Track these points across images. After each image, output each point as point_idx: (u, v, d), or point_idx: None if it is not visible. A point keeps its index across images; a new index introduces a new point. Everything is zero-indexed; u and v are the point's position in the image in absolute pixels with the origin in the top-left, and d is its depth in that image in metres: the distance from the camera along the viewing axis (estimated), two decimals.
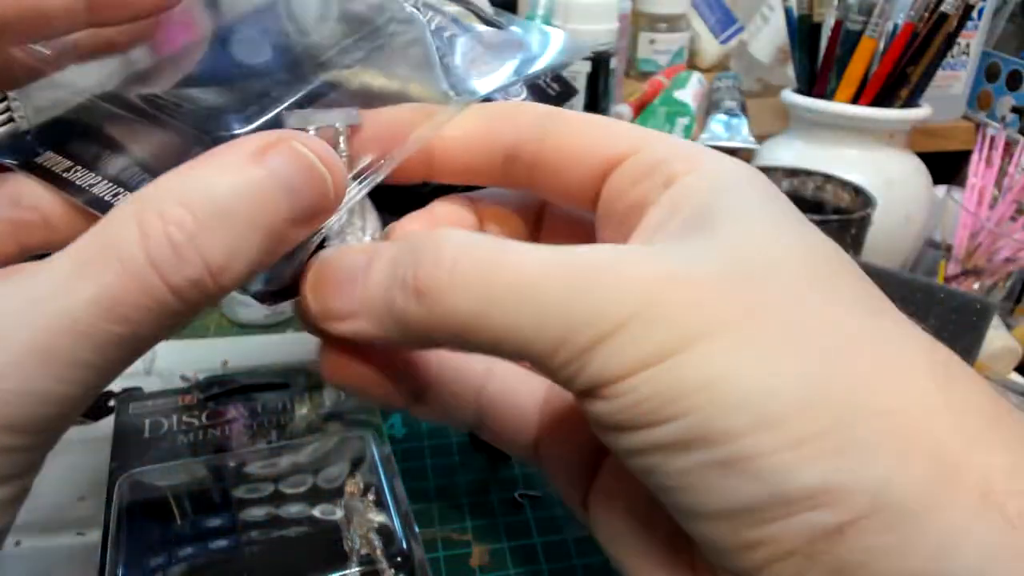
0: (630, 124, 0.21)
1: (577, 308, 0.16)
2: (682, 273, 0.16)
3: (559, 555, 0.33)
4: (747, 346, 0.15)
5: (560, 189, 0.22)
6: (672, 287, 0.16)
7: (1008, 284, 0.48)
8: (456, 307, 0.17)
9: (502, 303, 0.16)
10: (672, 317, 0.16)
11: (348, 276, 0.19)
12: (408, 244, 0.18)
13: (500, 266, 0.17)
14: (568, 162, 0.21)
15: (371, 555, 0.31)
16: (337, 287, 0.19)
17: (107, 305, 0.16)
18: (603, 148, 0.20)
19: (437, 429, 0.40)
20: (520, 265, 0.17)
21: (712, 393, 0.15)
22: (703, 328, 0.16)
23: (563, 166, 0.21)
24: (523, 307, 0.16)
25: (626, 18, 0.64)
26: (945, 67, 0.68)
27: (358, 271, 0.19)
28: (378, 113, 0.21)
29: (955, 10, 0.51)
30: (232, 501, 0.34)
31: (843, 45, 0.55)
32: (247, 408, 0.40)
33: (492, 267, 0.17)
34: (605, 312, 0.16)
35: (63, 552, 0.33)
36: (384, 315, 0.18)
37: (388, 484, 0.35)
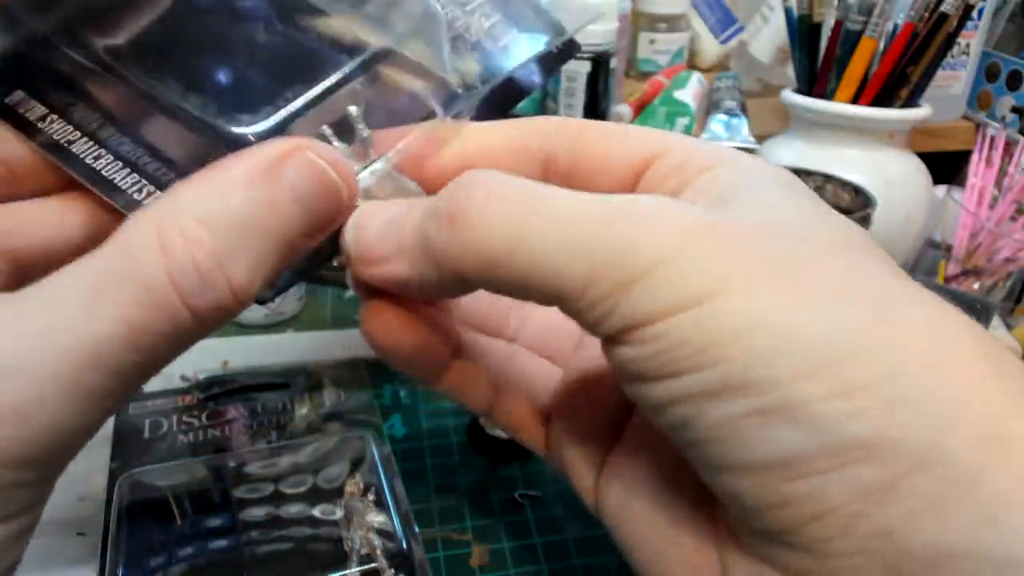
0: (656, 130, 0.22)
1: (611, 246, 0.15)
2: (721, 221, 0.16)
3: (559, 555, 0.33)
4: (790, 293, 0.15)
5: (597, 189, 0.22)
6: (711, 232, 0.16)
7: (1008, 284, 0.48)
8: (489, 235, 0.16)
9: (535, 236, 0.16)
10: (710, 260, 0.15)
11: (387, 223, 0.19)
12: (444, 189, 0.18)
13: (535, 199, 0.16)
14: (601, 168, 0.21)
15: (371, 555, 0.31)
16: (376, 233, 0.19)
17: (132, 335, 0.16)
18: (634, 153, 0.21)
19: (437, 429, 0.41)
20: (555, 200, 0.16)
21: (753, 339, 0.14)
22: (743, 273, 0.15)
23: (597, 172, 0.21)
24: (555, 242, 0.16)
25: (626, 18, 0.64)
26: (945, 67, 0.68)
27: (396, 219, 0.19)
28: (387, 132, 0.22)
29: (955, 10, 0.51)
30: (232, 501, 0.34)
31: (843, 45, 0.55)
32: (247, 408, 0.40)
33: (527, 200, 0.16)
34: (640, 252, 0.15)
35: (63, 552, 0.33)
36: (418, 252, 0.18)
37: (388, 484, 0.35)
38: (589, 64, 0.54)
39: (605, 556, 0.33)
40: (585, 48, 0.53)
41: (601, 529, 0.34)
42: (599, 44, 0.53)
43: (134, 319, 0.16)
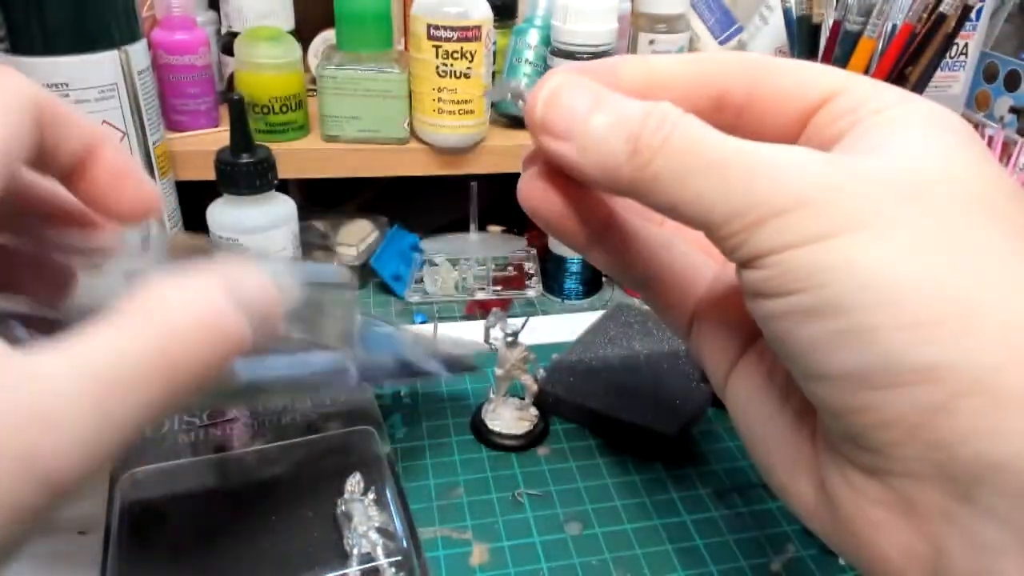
0: (835, 68, 0.23)
1: (756, 188, 0.18)
2: (851, 172, 0.18)
3: (559, 554, 0.33)
4: (887, 242, 0.17)
5: (771, 125, 0.23)
6: (839, 183, 0.18)
7: None
8: (660, 170, 0.20)
9: (697, 175, 0.19)
10: (834, 207, 0.18)
11: (574, 104, 0.22)
12: (634, 110, 0.21)
13: (702, 143, 0.19)
14: (773, 108, 0.23)
15: (371, 554, 0.31)
16: (564, 109, 0.22)
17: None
18: (812, 89, 0.22)
19: (437, 429, 0.41)
20: (718, 147, 0.19)
21: (847, 272, 0.17)
22: (856, 221, 0.18)
23: (772, 108, 0.23)
24: (713, 181, 0.19)
25: (626, 19, 0.64)
26: (944, 67, 0.68)
27: (584, 106, 0.21)
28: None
29: (953, 11, 0.51)
30: (232, 500, 0.34)
31: (842, 46, 0.55)
32: (247, 408, 0.41)
33: (696, 143, 0.19)
34: (778, 194, 0.18)
35: (64, 551, 0.33)
36: (595, 152, 0.21)
37: (388, 484, 0.35)
38: None
39: (604, 554, 0.33)
40: (585, 48, 0.53)
41: (599, 528, 0.35)
42: (598, 45, 0.53)
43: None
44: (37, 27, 0.39)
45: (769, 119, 0.23)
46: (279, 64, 0.53)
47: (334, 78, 0.53)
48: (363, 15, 0.52)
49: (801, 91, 0.22)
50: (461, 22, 0.50)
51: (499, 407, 0.40)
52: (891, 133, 0.20)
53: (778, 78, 0.23)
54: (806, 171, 0.19)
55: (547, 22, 0.57)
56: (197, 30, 0.54)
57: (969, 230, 0.18)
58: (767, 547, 0.34)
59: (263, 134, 0.54)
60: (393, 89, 0.53)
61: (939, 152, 0.19)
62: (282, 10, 0.59)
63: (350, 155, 0.55)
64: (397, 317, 0.53)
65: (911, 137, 0.20)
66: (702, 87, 0.23)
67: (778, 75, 0.23)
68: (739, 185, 0.19)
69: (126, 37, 0.42)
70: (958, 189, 0.18)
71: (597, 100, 0.21)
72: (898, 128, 0.20)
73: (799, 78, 0.22)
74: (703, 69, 0.23)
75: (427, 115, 0.53)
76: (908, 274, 0.17)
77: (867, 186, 0.18)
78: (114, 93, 0.42)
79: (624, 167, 0.20)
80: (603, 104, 0.21)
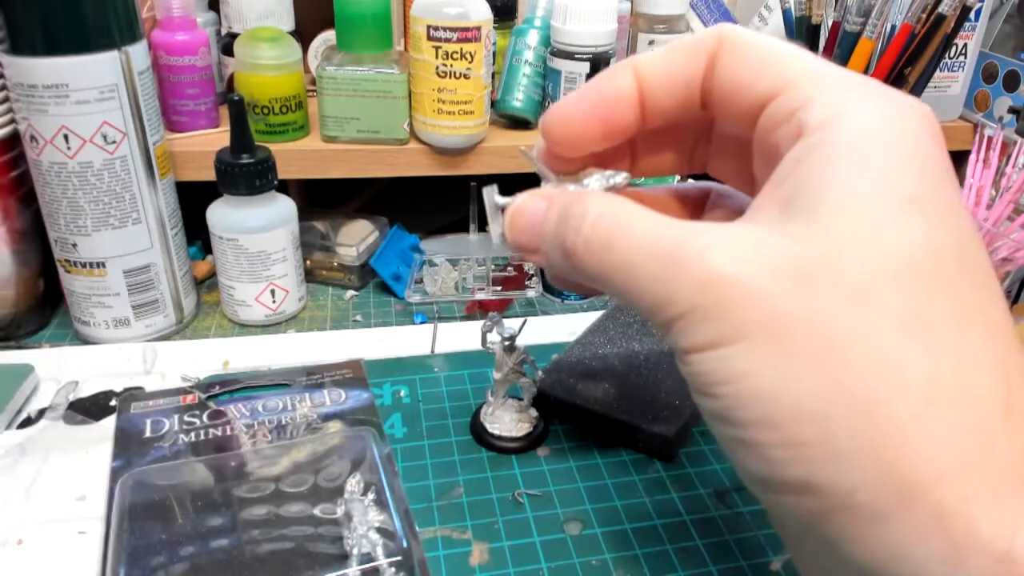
0: (790, 54, 0.21)
1: (659, 290, 0.20)
2: (743, 271, 0.18)
3: (559, 554, 0.33)
4: (775, 353, 0.18)
5: (729, 118, 0.23)
6: (729, 287, 0.18)
7: (1005, 283, 0.48)
8: (589, 271, 0.22)
9: (616, 274, 0.21)
10: (722, 314, 0.18)
11: (532, 220, 0.24)
12: (567, 209, 0.23)
13: (615, 244, 0.21)
14: (733, 96, 0.22)
15: (371, 554, 0.31)
16: (524, 229, 0.25)
17: None
18: (760, 84, 0.21)
19: (437, 429, 0.41)
20: (628, 246, 0.21)
21: (740, 386, 0.18)
22: (744, 328, 0.18)
23: (729, 100, 0.22)
24: (628, 280, 0.21)
25: (625, 19, 0.64)
26: (942, 68, 0.68)
27: (539, 217, 0.24)
28: None
29: (952, 11, 0.51)
30: (233, 500, 0.34)
31: (841, 46, 0.55)
32: (247, 408, 0.41)
33: (609, 245, 0.21)
34: (675, 299, 0.19)
35: (65, 551, 0.33)
36: (552, 260, 0.24)
37: (388, 483, 0.35)
38: (588, 65, 0.54)
39: (604, 554, 0.33)
40: (584, 49, 0.53)
41: (599, 528, 0.35)
42: (598, 45, 0.53)
43: None
44: (37, 27, 0.39)
45: (728, 110, 0.22)
46: (279, 65, 0.53)
47: (334, 78, 0.53)
48: (363, 16, 0.52)
49: (752, 84, 0.21)
50: (461, 23, 0.50)
51: (498, 410, 0.40)
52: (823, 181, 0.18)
53: (736, 66, 0.21)
54: (703, 269, 0.19)
55: (547, 22, 0.57)
56: (197, 31, 0.54)
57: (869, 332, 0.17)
58: (767, 547, 0.34)
59: (263, 135, 0.54)
60: (393, 90, 0.53)
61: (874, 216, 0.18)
62: (282, 10, 0.59)
63: (350, 155, 0.55)
64: (397, 317, 0.53)
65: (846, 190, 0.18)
66: (675, 77, 0.23)
67: (738, 62, 0.21)
68: (647, 284, 0.20)
69: (126, 38, 0.42)
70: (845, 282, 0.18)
71: (549, 205, 0.24)
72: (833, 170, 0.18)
73: (752, 70, 0.21)
74: (673, 59, 0.23)
75: (427, 116, 0.54)
76: (790, 395, 0.18)
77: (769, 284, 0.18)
78: (114, 94, 0.42)
79: (565, 268, 0.23)
80: (552, 208, 0.24)
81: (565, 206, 0.23)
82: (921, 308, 0.18)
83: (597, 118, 0.24)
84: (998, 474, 0.17)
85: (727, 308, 0.18)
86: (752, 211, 0.20)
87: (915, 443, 0.17)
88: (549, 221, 0.23)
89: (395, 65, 0.53)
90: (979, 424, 0.17)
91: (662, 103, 0.23)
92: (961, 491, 0.17)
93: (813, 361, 0.18)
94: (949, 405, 0.17)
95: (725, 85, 0.22)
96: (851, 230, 0.18)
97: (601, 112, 0.24)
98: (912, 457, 0.17)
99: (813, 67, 0.20)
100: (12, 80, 0.41)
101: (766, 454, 0.18)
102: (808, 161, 0.19)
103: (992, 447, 0.17)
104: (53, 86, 0.40)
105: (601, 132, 0.24)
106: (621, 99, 0.23)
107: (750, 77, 0.21)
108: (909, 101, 0.20)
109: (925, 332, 0.17)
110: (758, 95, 0.21)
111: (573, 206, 0.22)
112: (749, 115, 0.21)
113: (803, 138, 0.19)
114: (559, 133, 0.24)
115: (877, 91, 0.20)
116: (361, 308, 0.54)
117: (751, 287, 0.18)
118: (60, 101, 0.41)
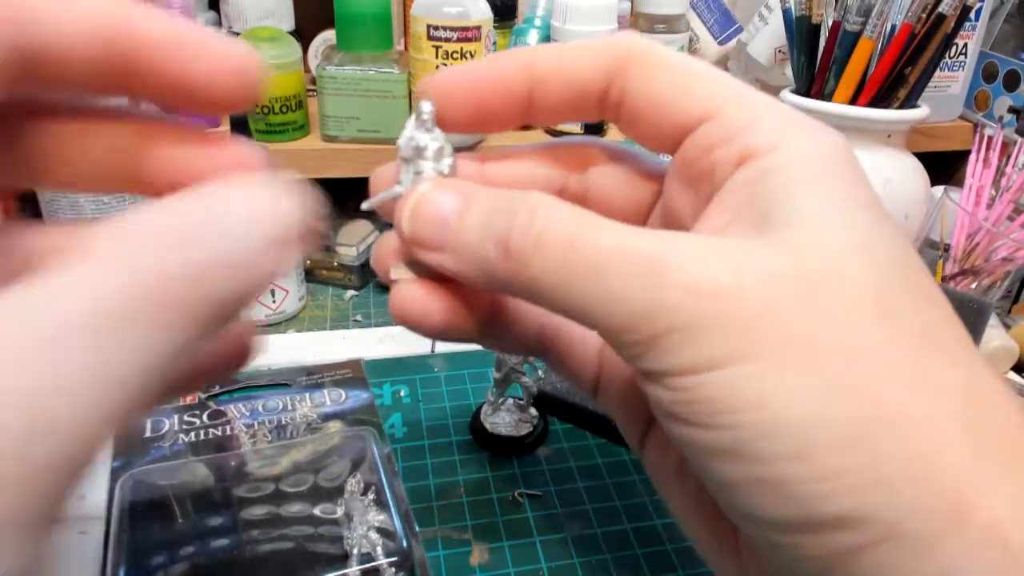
0: (717, 77, 0.20)
1: (644, 298, 0.17)
2: (746, 280, 0.17)
3: (559, 554, 0.33)
4: (800, 373, 0.16)
5: (641, 136, 0.21)
6: (735, 294, 0.17)
7: (1005, 284, 0.48)
8: (538, 276, 0.18)
9: (578, 280, 0.17)
10: (732, 326, 0.16)
11: (441, 213, 0.20)
12: (504, 202, 0.19)
13: (580, 244, 0.17)
14: (648, 114, 0.20)
15: (371, 554, 0.31)
16: (431, 222, 0.20)
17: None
18: (680, 108, 0.20)
19: (437, 429, 0.41)
20: (597, 247, 0.17)
21: (763, 414, 0.16)
22: (761, 343, 0.16)
23: (643, 117, 0.21)
24: (596, 288, 0.17)
25: (625, 19, 0.64)
26: (943, 67, 0.68)
27: (452, 212, 0.20)
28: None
29: (953, 11, 0.51)
30: (233, 500, 0.34)
31: (841, 46, 0.55)
32: (248, 408, 0.41)
33: (573, 244, 0.18)
34: (668, 308, 0.17)
35: (65, 550, 0.33)
36: (472, 260, 0.19)
37: (388, 483, 0.35)
38: None
39: (604, 554, 0.33)
40: None
41: (599, 528, 0.35)
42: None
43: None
44: None
45: (642, 128, 0.21)
46: (279, 64, 0.53)
47: (334, 78, 0.53)
48: (363, 15, 0.52)
49: (672, 105, 0.20)
50: (461, 22, 0.50)
51: (498, 409, 0.40)
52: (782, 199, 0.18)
53: (652, 85, 0.20)
54: (694, 278, 0.17)
55: (547, 22, 0.57)
56: None
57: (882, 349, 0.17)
58: None
59: (263, 134, 0.54)
60: (393, 89, 0.53)
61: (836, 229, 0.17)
62: (282, 10, 0.59)
63: (350, 155, 0.55)
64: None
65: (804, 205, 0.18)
66: (571, 81, 0.21)
67: (650, 80, 0.20)
68: (625, 293, 0.17)
69: None
70: (862, 283, 0.17)
71: (466, 200, 0.20)
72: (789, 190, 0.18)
73: (670, 90, 0.20)
74: (572, 61, 0.21)
75: None
76: (824, 421, 0.16)
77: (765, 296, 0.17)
78: None
79: (499, 272, 0.19)
80: (472, 203, 0.20)
81: (498, 203, 0.19)
82: (928, 318, 0.17)
83: (474, 104, 0.22)
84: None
85: (740, 319, 0.16)
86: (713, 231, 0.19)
87: (961, 458, 0.16)
88: (472, 217, 0.20)
89: (395, 65, 0.53)
90: (1011, 434, 0.17)
91: (552, 102, 0.22)
92: (1010, 502, 0.16)
93: (843, 380, 0.16)
94: (983, 416, 0.17)
95: (638, 103, 0.21)
96: (845, 241, 0.17)
97: (480, 98, 0.22)
98: (960, 474, 0.16)
99: (742, 91, 0.20)
100: None
101: (797, 491, 0.16)
102: (771, 181, 0.18)
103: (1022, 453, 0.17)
104: None
105: (478, 117, 0.22)
106: (505, 89, 0.21)
107: (669, 98, 0.20)
108: (827, 126, 0.20)
109: (940, 342, 0.17)
110: (682, 117, 0.20)
111: (513, 203, 0.19)
112: (669, 135, 0.21)
113: (753, 161, 0.19)
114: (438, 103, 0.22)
115: (802, 117, 0.20)
116: (361, 308, 0.54)
117: (764, 296, 0.16)
118: None
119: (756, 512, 0.17)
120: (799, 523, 0.17)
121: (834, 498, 0.16)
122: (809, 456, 0.16)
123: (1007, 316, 0.56)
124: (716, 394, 0.16)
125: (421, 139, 0.22)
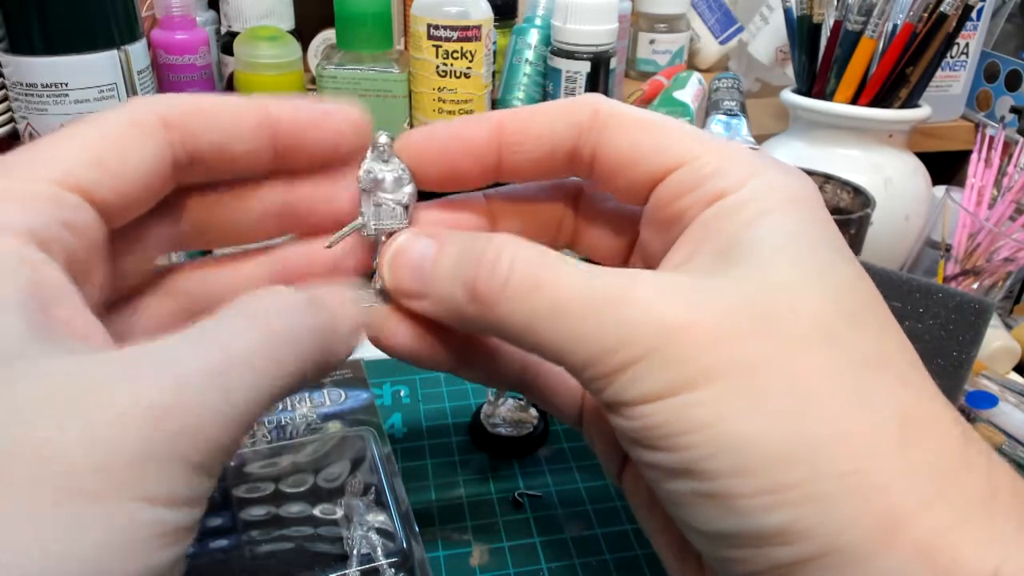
0: (685, 129, 0.21)
1: (604, 336, 0.18)
2: (698, 314, 0.18)
3: (559, 554, 0.33)
4: (744, 396, 0.17)
5: (616, 189, 0.23)
6: (687, 328, 0.18)
7: (1007, 284, 0.48)
8: (506, 317, 0.19)
9: (543, 321, 0.19)
10: (683, 357, 0.17)
11: (418, 262, 0.22)
12: (471, 246, 0.20)
13: (543, 286, 0.19)
14: (619, 169, 0.22)
15: (371, 555, 0.31)
16: (410, 270, 0.22)
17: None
18: (652, 159, 0.21)
19: (437, 429, 0.41)
20: (559, 289, 0.19)
21: (708, 434, 0.17)
22: (709, 372, 0.17)
23: (614, 172, 0.22)
24: (560, 328, 0.19)
25: (626, 18, 0.64)
26: (944, 67, 0.68)
27: (427, 259, 0.22)
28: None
29: (954, 10, 0.51)
30: (232, 500, 0.34)
31: (842, 45, 0.55)
32: None
33: (537, 286, 0.19)
34: (626, 344, 0.18)
35: None
36: (446, 305, 0.21)
37: (388, 484, 0.35)
38: (589, 64, 0.54)
39: (605, 555, 0.33)
40: (585, 48, 0.53)
41: (599, 529, 0.35)
42: (598, 44, 0.53)
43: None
44: (37, 27, 0.39)
45: (614, 181, 0.22)
46: (279, 64, 0.53)
47: (334, 78, 0.53)
48: (363, 15, 0.52)
49: (643, 159, 0.21)
50: (461, 22, 0.50)
51: (498, 408, 0.40)
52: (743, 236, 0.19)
53: (621, 138, 0.21)
54: (655, 312, 0.18)
55: (547, 22, 0.57)
56: (197, 30, 0.54)
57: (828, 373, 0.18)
58: None
59: None
60: (393, 89, 0.53)
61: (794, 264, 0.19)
62: (282, 10, 0.59)
63: None
64: None
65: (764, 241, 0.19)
66: (540, 143, 0.22)
67: (622, 135, 0.21)
68: (588, 330, 0.18)
69: (126, 37, 0.42)
70: (815, 314, 0.18)
71: (440, 245, 0.21)
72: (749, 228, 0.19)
73: (643, 141, 0.21)
74: (541, 124, 0.22)
75: (427, 115, 0.53)
76: (765, 438, 0.17)
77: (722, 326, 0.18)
78: (113, 93, 0.42)
79: (468, 314, 0.20)
80: (444, 248, 0.21)
81: (466, 247, 0.21)
82: (878, 344, 0.18)
83: (445, 164, 0.23)
84: (970, 500, 0.17)
85: (689, 351, 0.17)
86: (676, 266, 0.20)
87: (895, 476, 0.17)
88: (444, 263, 0.21)
89: (395, 64, 0.53)
90: (948, 452, 0.17)
91: (521, 162, 0.23)
92: (942, 520, 0.17)
93: (784, 401, 0.17)
94: (921, 436, 0.17)
95: (610, 157, 0.22)
96: (800, 273, 0.18)
97: (451, 160, 0.23)
98: (894, 491, 0.17)
99: (709, 140, 0.21)
100: (11, 79, 0.41)
101: (740, 504, 0.17)
102: (733, 218, 0.19)
103: (961, 474, 0.17)
104: (52, 85, 0.40)
105: (449, 176, 0.23)
106: (474, 152, 0.23)
107: (641, 152, 0.21)
108: (794, 168, 0.21)
109: (887, 367, 0.18)
110: (653, 168, 0.21)
111: (480, 246, 0.20)
112: (641, 185, 0.22)
113: (721, 201, 0.20)
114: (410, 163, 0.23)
115: (768, 159, 0.21)
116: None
117: (714, 329, 0.18)
118: (59, 100, 0.41)
119: (705, 526, 0.18)
120: (744, 536, 0.18)
121: (775, 511, 0.17)
122: (751, 472, 0.17)
123: (1009, 316, 0.56)
124: (668, 419, 0.18)
125: (378, 171, 0.23)
